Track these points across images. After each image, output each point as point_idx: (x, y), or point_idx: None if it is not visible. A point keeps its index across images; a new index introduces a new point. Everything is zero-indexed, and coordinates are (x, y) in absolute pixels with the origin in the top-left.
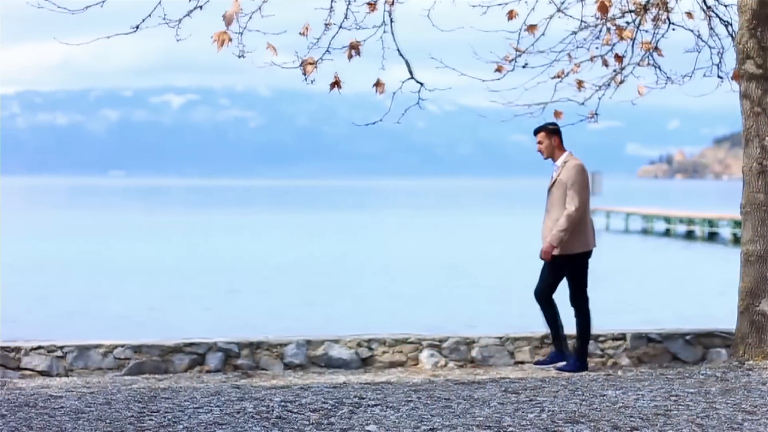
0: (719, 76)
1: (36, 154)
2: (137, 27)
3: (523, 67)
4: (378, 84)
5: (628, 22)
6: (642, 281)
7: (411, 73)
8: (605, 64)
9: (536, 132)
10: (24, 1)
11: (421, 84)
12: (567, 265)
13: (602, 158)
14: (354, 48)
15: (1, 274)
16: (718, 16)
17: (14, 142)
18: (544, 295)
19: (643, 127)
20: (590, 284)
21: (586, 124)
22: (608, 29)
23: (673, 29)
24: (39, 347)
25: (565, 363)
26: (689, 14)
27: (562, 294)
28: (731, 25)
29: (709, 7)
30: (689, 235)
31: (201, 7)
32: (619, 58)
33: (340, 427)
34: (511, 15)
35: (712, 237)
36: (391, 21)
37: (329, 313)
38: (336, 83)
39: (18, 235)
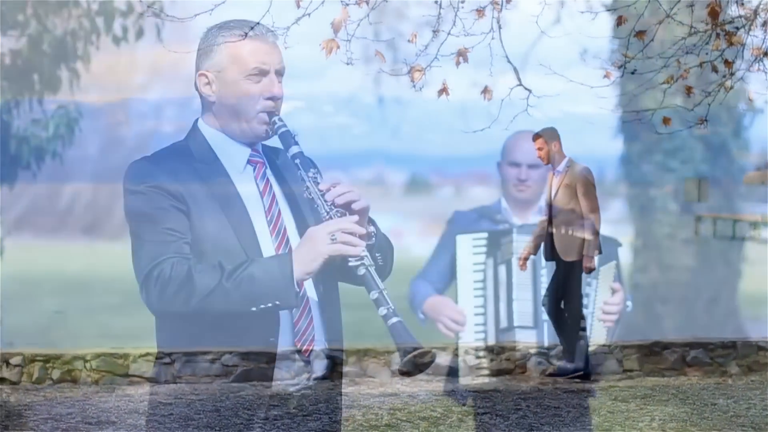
0: None
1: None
2: (246, 34)
3: (632, 73)
4: (486, 91)
5: (737, 27)
6: (750, 288)
7: (519, 79)
8: (714, 69)
9: (535, 138)
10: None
11: (530, 91)
12: (571, 270)
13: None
14: (462, 55)
15: (102, 282)
16: None
17: (120, 149)
18: (558, 310)
19: (750, 132)
20: (701, 292)
21: (692, 131)
22: (717, 35)
23: None
24: (147, 354)
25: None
26: None
27: None
28: None
29: None
30: None
31: (309, 14)
32: (728, 64)
33: None
34: (619, 21)
35: None
36: (500, 27)
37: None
38: (444, 90)
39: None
